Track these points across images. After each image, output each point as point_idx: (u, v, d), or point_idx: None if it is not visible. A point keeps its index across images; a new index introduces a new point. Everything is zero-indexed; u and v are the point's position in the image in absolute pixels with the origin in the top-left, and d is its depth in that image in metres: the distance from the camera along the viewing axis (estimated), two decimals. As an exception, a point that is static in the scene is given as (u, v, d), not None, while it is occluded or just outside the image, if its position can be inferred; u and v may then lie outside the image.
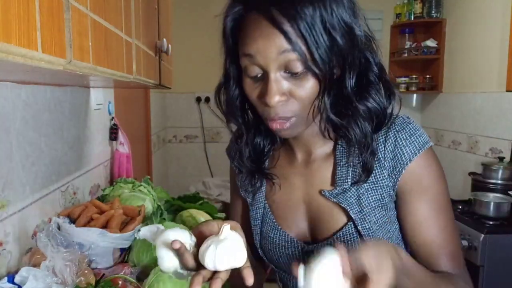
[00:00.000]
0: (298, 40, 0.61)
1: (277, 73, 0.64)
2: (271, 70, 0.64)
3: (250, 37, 0.64)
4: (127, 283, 1.03)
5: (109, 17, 0.73)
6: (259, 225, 0.82)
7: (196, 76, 3.50)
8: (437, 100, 3.48)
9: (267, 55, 0.63)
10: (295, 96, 0.65)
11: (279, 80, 0.64)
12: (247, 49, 0.64)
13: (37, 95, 1.12)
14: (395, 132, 0.71)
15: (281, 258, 0.80)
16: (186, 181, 3.52)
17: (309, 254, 0.76)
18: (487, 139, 2.82)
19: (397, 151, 0.71)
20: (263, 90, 0.65)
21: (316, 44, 0.62)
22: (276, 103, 0.64)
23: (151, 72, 1.23)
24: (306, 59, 0.62)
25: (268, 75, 0.64)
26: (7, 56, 0.40)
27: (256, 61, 0.64)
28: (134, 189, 1.52)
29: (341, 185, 0.73)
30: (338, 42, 0.63)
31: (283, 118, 0.67)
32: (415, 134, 0.71)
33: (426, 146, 0.71)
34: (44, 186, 1.16)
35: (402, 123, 0.72)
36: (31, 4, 0.43)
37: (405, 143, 0.70)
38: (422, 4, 3.37)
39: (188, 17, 3.44)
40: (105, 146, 1.78)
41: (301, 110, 0.66)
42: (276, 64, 0.63)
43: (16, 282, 0.88)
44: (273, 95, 0.64)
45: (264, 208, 0.82)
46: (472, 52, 2.99)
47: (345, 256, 0.51)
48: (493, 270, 2.00)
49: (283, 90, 0.64)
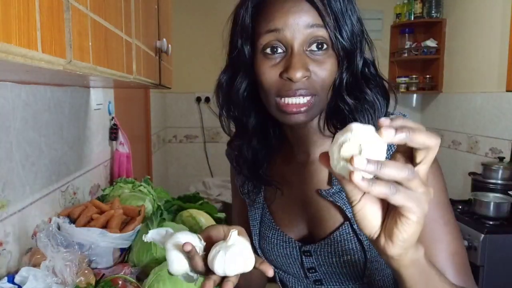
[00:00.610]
0: (328, 17, 0.64)
1: (302, 48, 0.65)
2: (297, 44, 0.64)
3: (278, 11, 0.64)
4: (127, 283, 1.03)
5: (109, 17, 0.73)
6: (258, 225, 0.83)
7: (196, 76, 3.50)
8: (437, 100, 3.48)
9: (295, 28, 0.64)
10: (317, 74, 0.66)
11: (303, 55, 0.65)
12: (273, 24, 0.65)
13: (37, 95, 1.12)
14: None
15: (279, 258, 0.81)
16: (186, 181, 3.52)
17: (306, 254, 0.76)
18: (487, 139, 2.82)
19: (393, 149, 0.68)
20: (287, 65, 0.65)
21: (345, 24, 0.65)
22: (301, 77, 0.64)
23: (151, 72, 1.23)
24: (332, 37, 0.64)
25: (293, 50, 0.64)
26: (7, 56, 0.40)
27: (283, 34, 0.64)
28: (134, 189, 1.52)
29: (337, 184, 0.73)
30: (355, 29, 0.67)
31: (307, 93, 0.66)
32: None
33: None
34: (44, 186, 1.16)
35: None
36: (31, 4, 0.43)
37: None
38: (422, 4, 3.37)
39: (188, 17, 3.44)
40: (105, 146, 1.78)
41: (320, 89, 0.67)
42: (303, 38, 0.64)
43: (16, 282, 0.88)
44: (299, 69, 0.63)
45: (263, 209, 0.83)
46: (472, 52, 2.99)
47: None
48: (493, 270, 2.00)
49: (307, 65, 0.65)
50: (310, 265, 0.77)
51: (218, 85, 0.75)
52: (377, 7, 3.57)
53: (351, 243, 0.72)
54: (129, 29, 0.92)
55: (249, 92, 0.73)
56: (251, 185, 0.82)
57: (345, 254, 0.72)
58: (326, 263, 0.75)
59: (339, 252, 0.73)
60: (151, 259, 1.17)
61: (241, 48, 0.69)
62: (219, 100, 0.76)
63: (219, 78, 0.75)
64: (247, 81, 0.72)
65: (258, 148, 0.79)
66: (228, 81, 0.74)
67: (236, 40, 0.70)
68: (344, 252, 0.72)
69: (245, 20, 0.68)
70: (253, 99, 0.73)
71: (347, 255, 0.72)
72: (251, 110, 0.75)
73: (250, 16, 0.68)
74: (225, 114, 0.76)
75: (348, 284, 0.77)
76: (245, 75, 0.71)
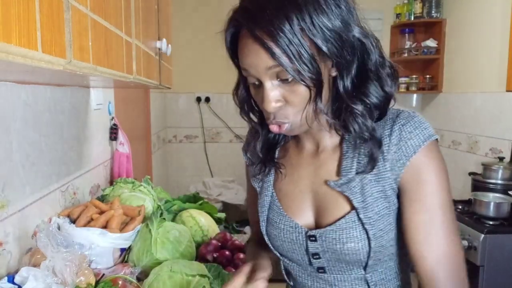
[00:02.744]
0: (282, 54, 0.65)
1: (271, 82, 0.69)
2: (264, 80, 0.69)
3: (242, 52, 0.70)
4: (127, 283, 1.03)
5: (109, 17, 0.73)
6: (266, 211, 0.86)
7: (196, 76, 3.50)
8: (437, 100, 3.48)
9: (257, 69, 0.68)
10: (289, 101, 0.70)
11: (273, 88, 0.70)
12: (241, 63, 0.71)
13: (37, 95, 1.12)
14: (400, 126, 0.73)
15: (285, 243, 0.83)
16: (186, 181, 3.52)
17: (311, 239, 0.78)
18: (487, 139, 2.82)
19: (402, 143, 0.72)
20: (261, 97, 0.71)
21: (298, 56, 0.64)
22: (273, 109, 0.70)
23: (151, 72, 1.23)
24: (291, 71, 0.66)
25: (263, 85, 0.70)
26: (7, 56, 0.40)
27: (251, 73, 0.70)
28: (134, 189, 1.52)
29: (346, 175, 0.76)
30: (323, 49, 0.66)
31: (280, 122, 0.72)
32: (420, 127, 0.72)
33: (431, 139, 0.72)
34: (44, 186, 1.16)
35: (407, 117, 0.74)
36: (31, 4, 0.43)
37: (410, 136, 0.72)
38: (422, 4, 3.37)
39: (188, 17, 3.44)
40: (105, 146, 1.78)
41: (295, 115, 0.71)
42: (268, 76, 0.69)
43: (16, 282, 0.88)
44: (269, 103, 0.70)
45: (272, 196, 0.86)
46: (472, 52, 2.99)
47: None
48: (493, 270, 2.00)
49: (277, 97, 0.70)
50: (315, 250, 0.79)
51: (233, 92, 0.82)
52: (377, 7, 3.57)
53: (356, 231, 0.74)
54: (129, 29, 0.92)
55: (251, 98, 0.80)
56: (262, 169, 0.87)
57: (350, 241, 0.74)
58: (331, 249, 0.77)
59: (343, 239, 0.75)
60: (151, 259, 1.17)
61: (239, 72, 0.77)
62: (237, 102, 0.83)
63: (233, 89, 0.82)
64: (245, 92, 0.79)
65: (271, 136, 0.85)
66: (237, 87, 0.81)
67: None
68: (348, 239, 0.74)
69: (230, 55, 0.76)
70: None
71: (352, 242, 0.74)
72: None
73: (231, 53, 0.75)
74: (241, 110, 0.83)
75: (351, 273, 0.79)
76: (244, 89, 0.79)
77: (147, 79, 1.15)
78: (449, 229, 0.71)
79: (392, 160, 0.72)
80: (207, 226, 1.47)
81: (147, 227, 1.22)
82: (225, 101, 3.58)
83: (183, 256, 1.20)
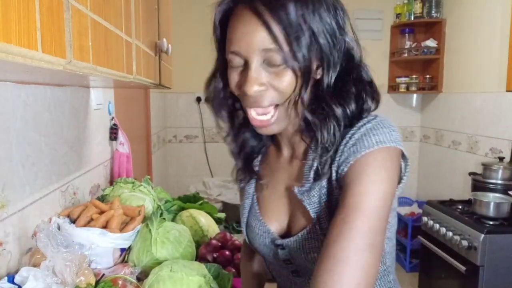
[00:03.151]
0: (281, 35, 0.64)
1: (258, 64, 0.67)
2: (252, 61, 0.66)
3: (236, 28, 0.67)
4: (127, 283, 1.03)
5: (109, 17, 0.73)
6: (247, 214, 0.87)
7: (196, 76, 3.49)
8: (437, 100, 3.48)
9: (249, 48, 0.66)
10: (274, 86, 0.67)
11: (259, 70, 0.67)
12: (232, 41, 0.68)
13: (37, 95, 1.12)
14: (356, 129, 0.68)
15: (260, 246, 0.84)
16: (186, 181, 3.52)
17: (279, 247, 0.79)
18: (487, 139, 2.82)
19: (349, 145, 0.67)
20: (243, 79, 0.68)
21: (297, 41, 0.64)
22: (255, 92, 0.67)
23: (151, 72, 1.23)
24: (286, 54, 0.64)
25: (249, 66, 0.67)
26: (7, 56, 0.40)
27: (240, 52, 0.67)
28: (134, 189, 1.52)
29: (305, 183, 0.73)
30: (319, 43, 0.66)
31: (262, 106, 0.68)
32: (370, 133, 0.66)
33: (378, 146, 0.65)
34: (44, 186, 1.16)
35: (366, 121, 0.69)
36: (31, 4, 0.43)
37: (359, 140, 0.66)
38: (422, 4, 3.37)
39: (188, 17, 3.44)
40: (105, 146, 1.78)
41: (281, 100, 0.68)
42: (258, 56, 0.66)
43: (16, 282, 0.88)
44: (252, 84, 0.66)
45: (252, 199, 0.86)
46: (472, 52, 2.99)
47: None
48: (493, 270, 2.00)
49: (261, 80, 0.67)
50: (285, 257, 0.80)
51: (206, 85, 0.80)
52: (377, 7, 3.57)
53: (316, 241, 0.72)
54: (129, 29, 0.92)
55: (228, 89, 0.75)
56: (244, 174, 0.86)
57: (312, 251, 0.73)
58: (297, 257, 0.77)
59: (306, 249, 0.74)
60: (151, 259, 1.17)
61: (218, 55, 0.76)
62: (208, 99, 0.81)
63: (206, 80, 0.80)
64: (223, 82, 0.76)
65: (251, 140, 0.83)
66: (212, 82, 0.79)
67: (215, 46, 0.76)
68: (311, 249, 0.74)
69: (217, 36, 0.74)
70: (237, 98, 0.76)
71: (314, 253, 0.73)
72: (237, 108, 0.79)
73: (220, 33, 0.73)
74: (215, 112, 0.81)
75: None
76: (223, 78, 0.75)
77: (147, 79, 1.15)
78: (360, 236, 0.59)
79: (339, 161, 0.68)
80: (207, 226, 1.47)
81: (147, 227, 1.22)
82: (225, 101, 3.57)
83: (183, 256, 1.20)
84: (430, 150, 3.54)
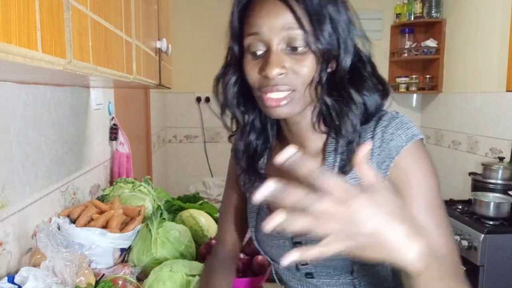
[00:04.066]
0: (304, 19, 0.66)
1: (279, 48, 0.68)
2: (274, 44, 0.68)
3: (258, 11, 0.69)
4: (127, 283, 1.03)
5: (109, 17, 0.73)
6: (255, 217, 0.86)
7: (196, 76, 3.50)
8: (437, 100, 3.48)
9: (272, 30, 0.67)
10: (295, 71, 0.69)
11: (280, 54, 0.68)
12: (254, 25, 0.69)
13: (37, 95, 1.12)
14: (383, 128, 0.71)
15: (273, 249, 0.83)
16: (186, 181, 3.52)
17: (297, 245, 0.78)
18: (487, 139, 2.82)
19: (384, 145, 0.70)
20: (264, 64, 0.69)
21: (320, 25, 0.67)
22: (276, 75, 0.67)
23: (151, 72, 1.23)
24: (308, 37, 0.66)
25: (270, 49, 0.68)
26: (7, 56, 0.40)
27: (261, 36, 0.68)
28: (134, 189, 1.52)
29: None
30: (338, 31, 0.69)
31: (281, 90, 0.69)
32: (402, 127, 0.71)
33: (414, 139, 0.70)
34: (44, 186, 1.16)
35: (389, 118, 0.72)
36: (31, 4, 0.43)
37: (392, 137, 0.70)
38: (422, 4, 3.37)
39: (188, 17, 3.44)
40: (105, 146, 1.78)
41: (299, 85, 0.69)
42: (280, 39, 0.68)
43: (16, 282, 0.88)
44: (274, 67, 0.67)
45: (260, 203, 0.85)
46: (472, 52, 2.99)
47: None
48: (493, 270, 2.00)
49: (283, 63, 0.68)
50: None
51: (216, 81, 0.79)
52: (377, 7, 3.57)
53: None
54: (129, 29, 0.92)
55: (244, 88, 0.76)
56: (250, 178, 0.84)
57: None
58: None
59: None
60: (151, 259, 1.17)
61: (232, 48, 0.75)
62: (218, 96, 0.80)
63: (216, 75, 0.79)
64: (236, 77, 0.76)
65: (256, 142, 0.83)
66: (223, 77, 0.78)
67: (228, 40, 0.76)
68: None
69: (234, 23, 0.74)
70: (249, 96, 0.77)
71: None
72: (247, 106, 0.79)
73: (237, 19, 0.73)
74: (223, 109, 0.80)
75: (339, 278, 0.79)
76: (236, 72, 0.76)
77: (147, 79, 1.15)
78: (445, 228, 0.67)
79: (376, 163, 0.70)
80: (207, 226, 1.47)
81: (147, 227, 1.22)
82: (225, 101, 3.57)
83: (183, 256, 1.20)
84: (430, 150, 3.51)
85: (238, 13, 0.73)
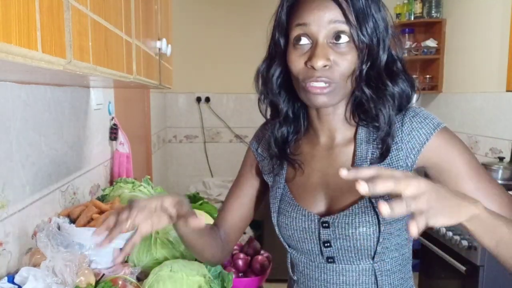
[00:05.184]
0: (350, 15, 0.72)
1: (325, 41, 0.74)
2: (321, 37, 0.73)
3: (307, 8, 0.74)
4: (127, 283, 1.03)
5: (109, 17, 0.73)
6: (278, 203, 0.88)
7: (196, 76, 3.50)
8: (437, 100, 3.48)
9: (320, 22, 0.73)
10: (338, 64, 0.74)
11: (326, 47, 0.74)
12: (302, 19, 0.74)
13: (37, 95, 1.12)
14: (410, 118, 0.79)
15: (297, 232, 0.84)
16: (186, 181, 3.53)
17: (324, 225, 0.80)
18: (487, 139, 2.82)
19: (414, 133, 0.78)
20: (310, 55, 0.74)
21: (364, 21, 0.73)
22: (321, 66, 0.73)
23: (151, 72, 1.23)
24: (353, 32, 0.73)
25: (317, 42, 0.74)
26: (7, 56, 0.40)
27: (309, 28, 0.74)
28: (134, 189, 1.52)
29: (361, 164, 0.80)
30: (380, 27, 0.75)
31: (325, 81, 0.74)
32: (428, 117, 0.79)
33: (440, 126, 0.78)
34: (44, 186, 1.16)
35: (415, 110, 0.80)
36: (31, 4, 0.44)
37: (421, 126, 0.78)
38: (422, 4, 3.37)
39: (188, 17, 3.44)
40: (105, 146, 1.78)
41: (341, 78, 0.75)
42: (326, 32, 0.73)
43: (16, 282, 0.88)
44: (321, 58, 0.72)
45: (284, 189, 0.88)
46: (472, 52, 2.99)
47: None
48: (493, 270, 2.00)
49: (328, 55, 0.73)
50: (327, 237, 0.80)
51: (257, 72, 0.86)
52: (377, 7, 3.57)
53: (368, 215, 0.77)
54: (129, 29, 0.92)
55: (283, 80, 0.83)
56: (275, 164, 0.89)
57: (362, 225, 0.77)
58: (342, 235, 0.79)
59: (356, 223, 0.77)
60: (151, 259, 1.17)
61: (277, 40, 0.81)
62: (258, 86, 0.86)
63: (258, 67, 0.86)
64: (280, 69, 0.82)
65: (288, 130, 0.88)
66: (266, 69, 0.84)
67: (274, 34, 0.82)
68: (361, 223, 0.77)
69: (281, 17, 0.80)
70: (287, 87, 0.84)
71: (363, 227, 0.77)
72: (284, 96, 0.85)
73: (286, 13, 0.79)
74: (263, 98, 0.87)
75: (359, 263, 0.81)
76: (280, 64, 0.82)
77: (147, 79, 1.15)
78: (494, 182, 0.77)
79: (406, 149, 0.78)
80: (207, 226, 1.47)
81: (147, 227, 1.22)
82: (225, 101, 3.57)
83: (183, 256, 1.20)
84: (430, 150, 3.52)
85: (287, 8, 0.78)
